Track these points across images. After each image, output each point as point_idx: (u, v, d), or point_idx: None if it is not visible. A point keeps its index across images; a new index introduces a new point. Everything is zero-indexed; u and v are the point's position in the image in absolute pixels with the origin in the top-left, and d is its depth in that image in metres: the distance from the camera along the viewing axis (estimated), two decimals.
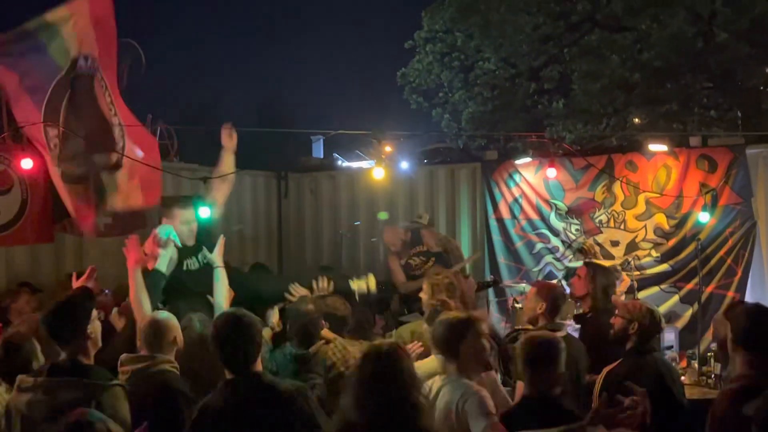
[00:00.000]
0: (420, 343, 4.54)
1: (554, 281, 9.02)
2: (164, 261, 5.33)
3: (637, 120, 16.51)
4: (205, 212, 6.78)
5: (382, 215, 5.14)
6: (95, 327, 3.62)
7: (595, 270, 5.67)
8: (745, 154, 8.72)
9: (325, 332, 4.89)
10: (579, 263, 7.88)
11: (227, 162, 6.31)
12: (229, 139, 6.26)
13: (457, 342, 3.67)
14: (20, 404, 3.34)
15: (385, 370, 2.88)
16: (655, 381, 3.43)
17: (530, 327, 7.67)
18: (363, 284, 6.07)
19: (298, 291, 5.70)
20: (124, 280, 8.05)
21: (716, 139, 9.52)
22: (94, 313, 3.66)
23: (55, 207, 7.94)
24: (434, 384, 3.73)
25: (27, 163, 7.44)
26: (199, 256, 5.80)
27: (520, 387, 4.16)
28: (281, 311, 5.71)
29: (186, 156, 11.30)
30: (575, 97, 17.27)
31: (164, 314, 4.31)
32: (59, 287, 7.05)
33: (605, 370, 4.24)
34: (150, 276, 5.18)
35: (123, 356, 4.08)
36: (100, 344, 3.68)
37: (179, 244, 5.49)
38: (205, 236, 8.09)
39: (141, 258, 5.05)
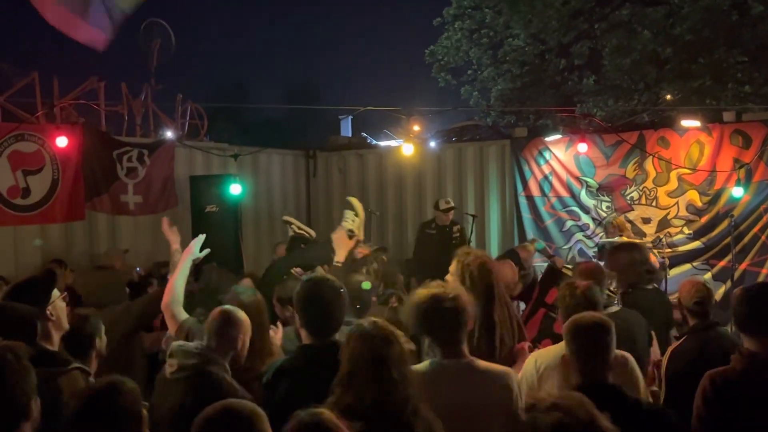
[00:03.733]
0: None
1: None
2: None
3: (669, 96, 16.26)
4: (236, 189, 6.80)
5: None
6: (56, 309, 3.39)
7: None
8: None
9: None
10: (609, 240, 7.83)
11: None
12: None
13: None
14: None
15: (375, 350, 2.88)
16: (722, 356, 3.38)
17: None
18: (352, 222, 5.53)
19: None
20: (157, 258, 8.26)
21: (750, 114, 9.36)
22: (56, 294, 3.43)
23: (86, 185, 8.08)
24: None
25: (62, 141, 7.57)
26: None
27: None
28: None
29: (216, 135, 11.41)
30: (606, 72, 17.05)
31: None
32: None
33: (670, 349, 4.16)
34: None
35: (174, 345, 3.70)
36: (65, 326, 3.44)
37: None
38: (233, 216, 8.20)
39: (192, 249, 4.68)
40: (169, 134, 9.12)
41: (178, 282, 4.33)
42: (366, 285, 4.81)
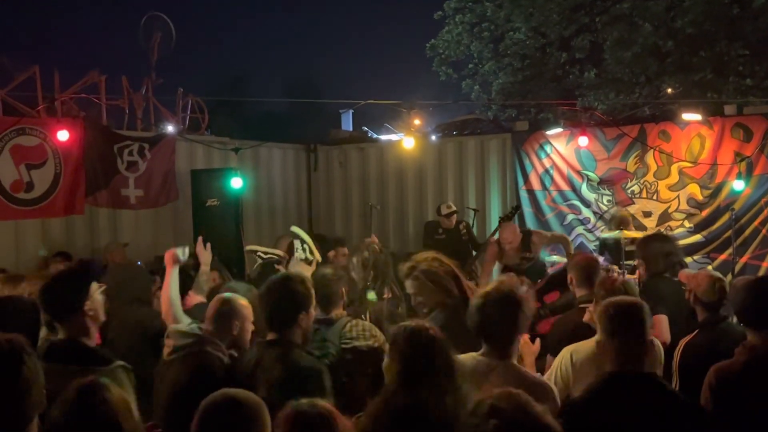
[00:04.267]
0: None
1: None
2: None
3: (670, 90, 16.25)
4: (237, 182, 6.82)
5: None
6: (95, 302, 3.29)
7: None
8: None
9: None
10: (611, 234, 7.83)
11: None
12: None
13: None
14: None
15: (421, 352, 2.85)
16: (734, 350, 3.38)
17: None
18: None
19: None
20: (158, 252, 8.26)
21: (752, 107, 9.32)
22: (94, 287, 3.32)
23: (87, 179, 8.09)
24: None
25: (63, 135, 7.57)
26: None
27: (549, 361, 4.08)
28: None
29: (216, 129, 11.41)
30: (607, 66, 17.04)
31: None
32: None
33: (682, 342, 4.15)
34: None
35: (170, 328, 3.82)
36: (102, 319, 3.36)
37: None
38: (234, 210, 8.16)
39: (175, 255, 4.61)
40: (170, 128, 9.13)
41: (171, 292, 4.33)
42: (371, 296, 4.77)
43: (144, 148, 8.60)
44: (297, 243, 5.33)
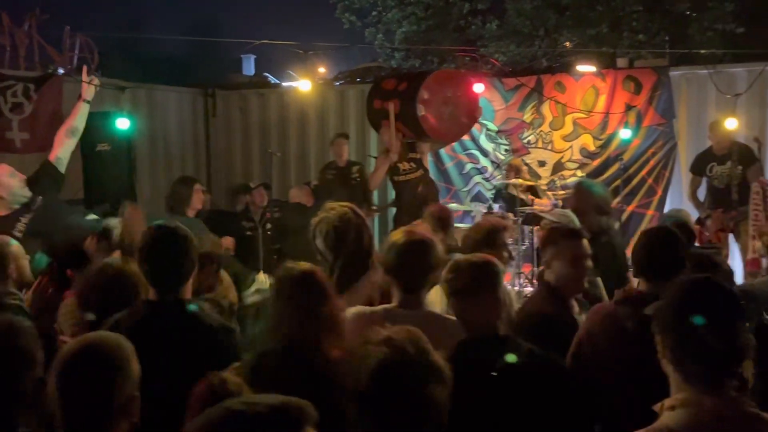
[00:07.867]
0: None
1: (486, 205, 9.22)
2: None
3: (567, 43, 16.59)
4: (123, 123, 6.63)
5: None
6: None
7: None
8: (668, 76, 8.90)
9: None
10: (505, 182, 8.02)
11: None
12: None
13: None
14: None
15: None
16: None
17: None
18: None
19: None
20: None
21: (642, 61, 9.68)
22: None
23: None
24: None
25: None
26: None
27: None
28: None
29: (111, 73, 10.90)
30: (509, 18, 17.21)
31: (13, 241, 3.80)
32: None
33: None
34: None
35: None
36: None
37: None
38: (126, 154, 7.91)
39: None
40: (57, 68, 8.67)
41: None
42: None
43: (29, 88, 8.13)
44: None
